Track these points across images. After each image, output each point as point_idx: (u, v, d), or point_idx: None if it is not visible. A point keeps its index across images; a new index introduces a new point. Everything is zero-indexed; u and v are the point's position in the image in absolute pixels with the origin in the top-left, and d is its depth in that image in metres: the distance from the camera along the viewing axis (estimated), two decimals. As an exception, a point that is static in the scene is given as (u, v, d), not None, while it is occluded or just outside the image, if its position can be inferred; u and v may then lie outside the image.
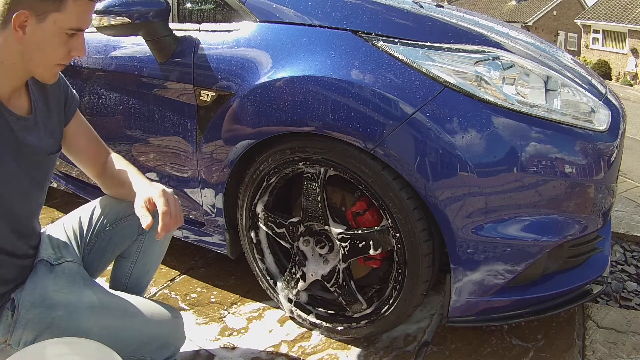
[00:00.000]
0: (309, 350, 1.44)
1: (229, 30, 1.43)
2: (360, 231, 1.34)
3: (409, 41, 1.22)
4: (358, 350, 1.43)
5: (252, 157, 1.42)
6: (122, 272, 1.25)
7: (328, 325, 1.47)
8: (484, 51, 1.22)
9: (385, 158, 1.20)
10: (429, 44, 1.22)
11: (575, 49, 24.26)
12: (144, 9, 1.39)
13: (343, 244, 1.35)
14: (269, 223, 1.49)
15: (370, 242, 1.32)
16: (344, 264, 1.39)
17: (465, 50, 1.21)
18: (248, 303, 1.66)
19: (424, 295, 1.33)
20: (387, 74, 1.19)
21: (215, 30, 1.47)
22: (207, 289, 1.74)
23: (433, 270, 1.29)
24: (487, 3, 27.69)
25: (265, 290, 1.59)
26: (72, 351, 0.89)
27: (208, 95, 1.43)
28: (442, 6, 1.78)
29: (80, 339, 0.92)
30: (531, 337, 1.48)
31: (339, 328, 1.45)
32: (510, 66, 1.22)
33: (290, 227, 1.45)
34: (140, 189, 1.07)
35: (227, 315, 1.59)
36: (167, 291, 1.72)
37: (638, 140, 5.67)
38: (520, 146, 1.15)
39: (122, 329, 1.01)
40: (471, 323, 1.34)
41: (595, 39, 22.79)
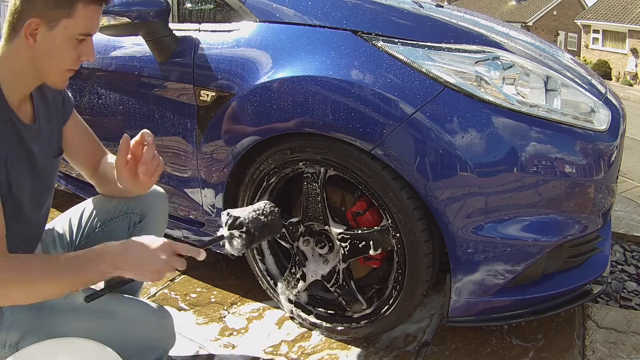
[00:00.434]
0: (309, 350, 1.44)
1: (229, 30, 1.43)
2: (360, 231, 1.34)
3: (409, 41, 1.22)
4: (358, 350, 1.43)
5: (252, 157, 1.42)
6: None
7: (328, 325, 1.47)
8: (484, 51, 1.22)
9: (385, 158, 1.20)
10: (429, 44, 1.22)
11: (575, 49, 24.26)
12: (144, 9, 1.39)
13: (343, 244, 1.35)
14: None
15: (370, 242, 1.32)
16: (344, 264, 1.39)
17: (465, 50, 1.21)
18: (248, 303, 1.66)
19: (424, 295, 1.33)
20: (387, 74, 1.19)
21: (215, 30, 1.47)
22: (207, 289, 1.74)
23: (433, 270, 1.29)
24: (487, 3, 27.69)
25: (265, 290, 1.59)
26: (73, 351, 0.89)
27: (208, 95, 1.43)
28: (442, 6, 1.77)
29: (80, 339, 0.92)
30: (531, 337, 1.48)
31: (339, 328, 1.45)
32: (510, 66, 1.22)
33: (290, 227, 1.45)
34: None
35: (227, 315, 1.59)
36: (167, 291, 1.72)
37: (638, 140, 5.67)
38: (520, 146, 1.15)
39: (106, 331, 0.99)
40: (471, 323, 1.34)
41: (595, 39, 22.79)
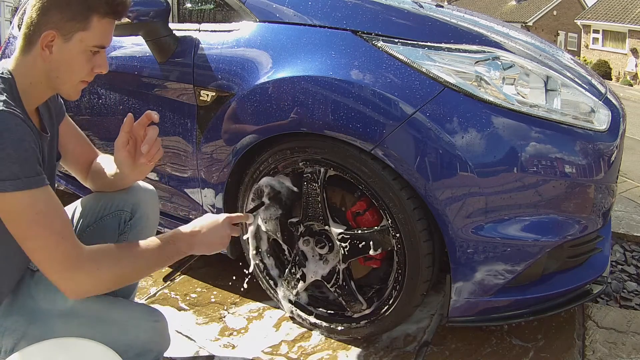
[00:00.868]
0: (309, 350, 1.44)
1: (229, 30, 1.43)
2: (360, 231, 1.34)
3: (409, 41, 1.22)
4: (358, 350, 1.43)
5: (252, 157, 1.42)
6: None
7: (328, 325, 1.47)
8: (484, 51, 1.22)
9: (385, 158, 1.20)
10: (429, 44, 1.22)
11: (575, 49, 24.25)
12: (144, 9, 1.39)
13: (343, 244, 1.35)
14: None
15: (370, 242, 1.32)
16: (343, 265, 1.39)
17: (465, 50, 1.21)
18: (248, 303, 1.66)
19: (424, 295, 1.33)
20: (387, 74, 1.19)
21: (215, 30, 1.47)
22: (207, 289, 1.74)
23: (433, 270, 1.29)
24: (487, 3, 27.68)
25: (265, 290, 1.59)
26: (73, 351, 0.89)
27: (208, 95, 1.43)
28: (442, 6, 1.77)
29: (79, 339, 0.92)
30: (531, 337, 1.48)
31: (339, 328, 1.45)
32: (510, 66, 1.22)
33: (291, 227, 1.45)
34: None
35: (227, 315, 1.59)
36: (167, 291, 1.72)
37: (638, 140, 5.66)
38: (520, 146, 1.15)
39: (99, 336, 0.97)
40: (471, 323, 1.34)
41: (595, 39, 22.79)
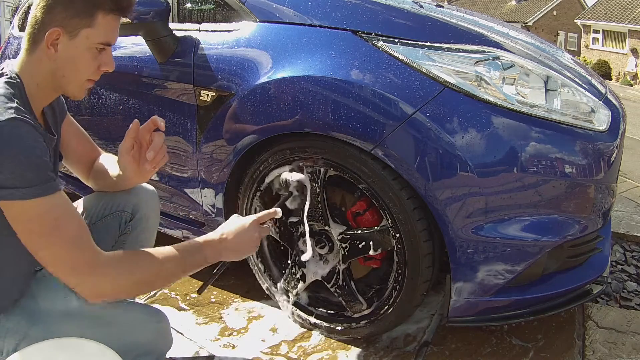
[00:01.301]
0: (309, 350, 1.44)
1: (229, 30, 1.43)
2: (360, 231, 1.34)
3: (409, 41, 1.22)
4: (358, 350, 1.43)
5: (252, 157, 1.42)
6: None
7: (328, 325, 1.47)
8: (484, 51, 1.22)
9: (385, 158, 1.20)
10: (429, 44, 1.22)
11: (575, 49, 24.25)
12: (144, 9, 1.39)
13: (343, 244, 1.35)
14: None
15: (370, 242, 1.32)
16: (343, 265, 1.39)
17: (465, 50, 1.21)
18: (248, 303, 1.66)
19: (424, 295, 1.33)
20: (387, 74, 1.19)
21: (215, 30, 1.47)
22: (207, 289, 1.73)
23: (433, 270, 1.29)
24: (487, 3, 27.68)
25: (265, 290, 1.59)
26: (73, 351, 0.89)
27: (208, 95, 1.43)
28: (442, 6, 1.77)
29: (79, 339, 0.92)
30: (531, 337, 1.48)
31: (339, 328, 1.45)
32: (510, 66, 1.22)
33: (291, 227, 1.45)
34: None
35: (227, 315, 1.59)
36: (167, 291, 1.72)
37: (638, 140, 5.66)
38: (520, 146, 1.15)
39: (101, 337, 0.96)
40: (471, 323, 1.34)
41: (595, 39, 22.79)
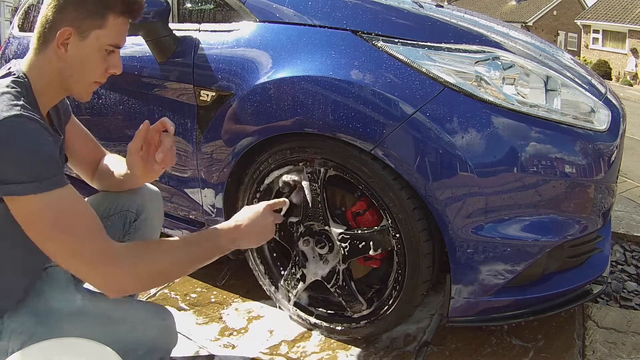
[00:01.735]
0: (309, 350, 1.44)
1: (229, 30, 1.43)
2: (360, 231, 1.34)
3: (409, 41, 1.22)
4: (358, 350, 1.43)
5: (252, 157, 1.42)
6: None
7: (328, 325, 1.47)
8: (484, 51, 1.22)
9: (385, 158, 1.20)
10: (429, 44, 1.22)
11: (575, 49, 24.24)
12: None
13: (343, 244, 1.35)
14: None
15: (370, 243, 1.32)
16: (343, 265, 1.39)
17: (465, 50, 1.21)
18: (248, 303, 1.66)
19: (424, 295, 1.33)
20: (387, 74, 1.19)
21: (215, 30, 1.47)
22: (207, 289, 1.74)
23: (433, 270, 1.29)
24: (487, 3, 27.68)
25: (266, 290, 1.59)
26: (73, 351, 0.89)
27: (208, 95, 1.43)
28: (442, 6, 1.77)
29: (80, 339, 0.91)
30: (531, 337, 1.48)
31: (339, 328, 1.45)
32: (510, 66, 1.22)
33: (290, 228, 1.45)
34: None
35: (227, 315, 1.59)
36: (167, 291, 1.72)
37: (638, 140, 5.66)
38: (520, 146, 1.15)
39: (107, 335, 0.96)
40: (471, 323, 1.34)
41: (595, 39, 22.78)
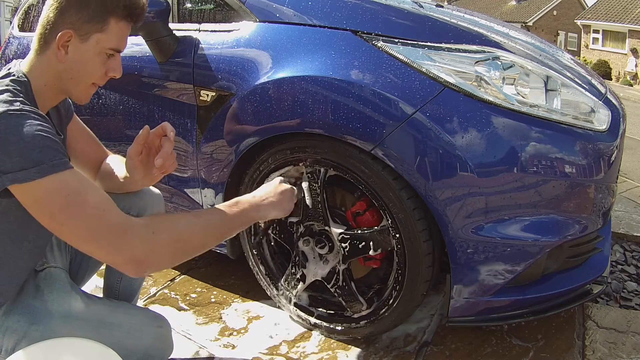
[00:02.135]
0: (309, 350, 1.44)
1: (229, 30, 1.43)
2: (360, 231, 1.34)
3: (409, 41, 1.22)
4: (358, 350, 1.43)
5: (252, 157, 1.42)
6: (114, 277, 1.25)
7: (328, 325, 1.47)
8: (484, 51, 1.22)
9: (385, 158, 1.20)
10: (429, 44, 1.22)
11: (575, 49, 24.24)
12: (144, 9, 1.39)
13: (343, 245, 1.35)
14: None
15: (370, 243, 1.32)
16: (343, 265, 1.39)
17: (465, 50, 1.21)
18: (248, 303, 1.66)
19: (424, 295, 1.33)
20: (387, 74, 1.19)
21: (215, 30, 1.47)
22: (207, 289, 1.74)
23: (433, 270, 1.29)
24: (487, 3, 27.66)
25: (266, 290, 1.59)
26: (73, 351, 0.89)
27: (208, 95, 1.43)
28: (442, 6, 1.77)
29: (80, 339, 0.92)
30: (531, 337, 1.48)
31: (339, 328, 1.45)
32: (510, 66, 1.22)
33: (291, 228, 1.45)
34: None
35: (227, 315, 1.59)
36: (167, 291, 1.72)
37: (638, 140, 5.66)
38: (520, 146, 1.15)
39: (102, 340, 0.95)
40: (471, 323, 1.34)
41: (595, 39, 22.77)
